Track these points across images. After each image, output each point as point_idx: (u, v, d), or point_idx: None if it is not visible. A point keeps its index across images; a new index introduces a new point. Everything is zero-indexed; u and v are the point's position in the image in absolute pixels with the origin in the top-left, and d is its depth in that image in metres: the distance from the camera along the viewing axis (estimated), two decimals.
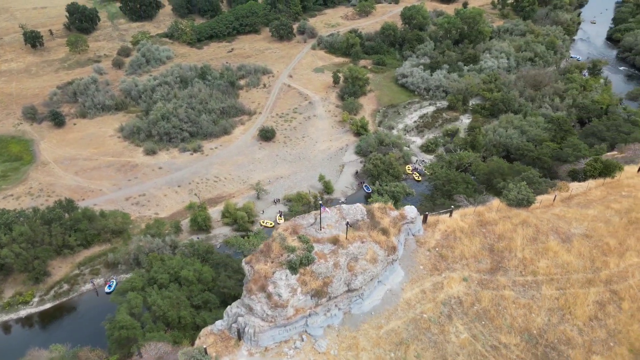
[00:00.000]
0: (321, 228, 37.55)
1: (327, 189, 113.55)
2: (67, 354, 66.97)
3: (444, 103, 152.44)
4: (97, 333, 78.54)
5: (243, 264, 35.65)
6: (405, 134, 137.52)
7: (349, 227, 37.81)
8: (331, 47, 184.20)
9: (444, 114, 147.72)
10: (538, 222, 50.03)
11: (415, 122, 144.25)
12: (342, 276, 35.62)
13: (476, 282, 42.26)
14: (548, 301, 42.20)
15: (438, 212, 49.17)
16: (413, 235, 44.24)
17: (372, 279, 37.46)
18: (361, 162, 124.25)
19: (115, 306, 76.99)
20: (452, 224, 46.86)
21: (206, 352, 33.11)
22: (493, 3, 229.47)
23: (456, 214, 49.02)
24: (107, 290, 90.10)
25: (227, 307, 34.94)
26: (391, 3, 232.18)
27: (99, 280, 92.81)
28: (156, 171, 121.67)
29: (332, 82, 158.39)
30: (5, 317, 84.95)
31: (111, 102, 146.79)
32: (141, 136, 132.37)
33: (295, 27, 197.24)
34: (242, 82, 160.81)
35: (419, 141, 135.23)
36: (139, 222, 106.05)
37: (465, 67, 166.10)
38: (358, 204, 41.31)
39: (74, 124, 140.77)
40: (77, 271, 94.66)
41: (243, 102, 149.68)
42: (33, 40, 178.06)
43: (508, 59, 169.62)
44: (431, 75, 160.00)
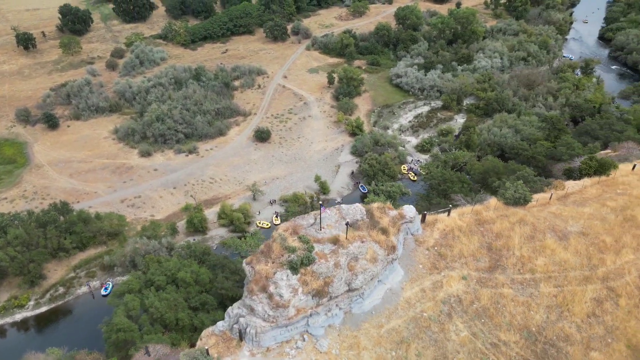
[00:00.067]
0: (321, 228, 37.66)
1: (323, 190, 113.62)
2: (64, 357, 66.65)
3: (439, 103, 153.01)
4: (94, 336, 78.15)
5: (244, 265, 35.66)
6: (400, 134, 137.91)
7: (349, 227, 37.94)
8: (325, 48, 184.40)
9: (439, 114, 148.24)
10: (535, 221, 50.42)
11: (410, 122, 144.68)
12: (343, 276, 35.75)
13: (475, 281, 42.53)
14: (546, 299, 42.55)
15: (436, 212, 49.39)
16: (412, 234, 44.45)
17: (373, 279, 37.60)
18: (357, 163, 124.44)
19: (111, 309, 76.60)
20: (451, 223, 47.14)
21: (208, 353, 33.10)
22: (486, 3, 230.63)
23: (454, 213, 49.35)
24: (104, 292, 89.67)
25: (229, 308, 34.93)
26: (385, 3, 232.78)
27: (95, 283, 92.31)
28: (151, 173, 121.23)
29: (327, 83, 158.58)
30: (0, 321, 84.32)
31: (105, 104, 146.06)
32: (136, 138, 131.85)
33: (289, 28, 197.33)
34: (237, 83, 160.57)
35: (414, 141, 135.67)
36: (135, 224, 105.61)
37: (459, 67, 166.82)
38: (357, 204, 41.45)
39: (68, 126, 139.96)
40: (73, 274, 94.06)
41: (238, 103, 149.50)
42: (25, 42, 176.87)
43: (501, 59, 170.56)
44: (425, 75, 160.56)
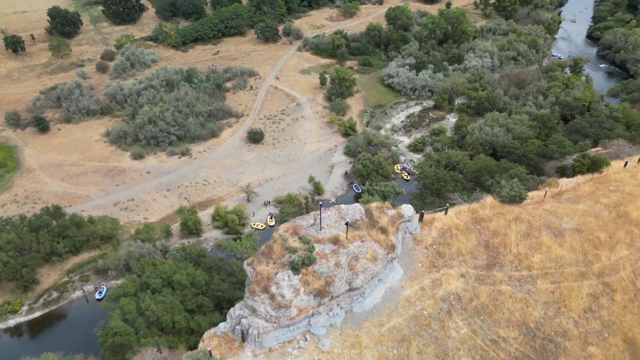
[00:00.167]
0: (321, 228, 37.81)
1: (317, 190, 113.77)
2: None
3: (430, 102, 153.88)
4: (89, 340, 77.74)
5: (245, 266, 35.72)
6: (393, 134, 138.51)
7: (349, 227, 38.13)
8: (317, 49, 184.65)
9: (431, 114, 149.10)
10: (530, 218, 51.00)
11: (402, 122, 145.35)
12: (344, 275, 35.93)
13: (473, 278, 42.93)
14: (543, 295, 43.06)
15: (434, 210, 49.77)
16: (410, 233, 44.76)
17: (373, 278, 37.83)
18: (350, 163, 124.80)
19: (106, 313, 76.15)
20: (448, 222, 47.52)
21: (211, 355, 33.10)
22: (475, 3, 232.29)
23: (451, 212, 49.74)
24: (98, 296, 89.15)
25: (230, 309, 34.97)
26: (375, 4, 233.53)
27: (89, 287, 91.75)
28: (144, 175, 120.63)
29: (319, 84, 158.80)
30: None
31: (96, 107, 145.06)
32: (128, 140, 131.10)
33: (280, 29, 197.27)
34: (229, 85, 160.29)
35: (407, 141, 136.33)
36: (129, 228, 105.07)
37: (450, 67, 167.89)
38: (356, 204, 41.67)
39: (59, 130, 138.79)
40: (67, 278, 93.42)
41: (230, 105, 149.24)
42: (14, 45, 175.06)
43: (492, 58, 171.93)
44: (417, 75, 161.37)
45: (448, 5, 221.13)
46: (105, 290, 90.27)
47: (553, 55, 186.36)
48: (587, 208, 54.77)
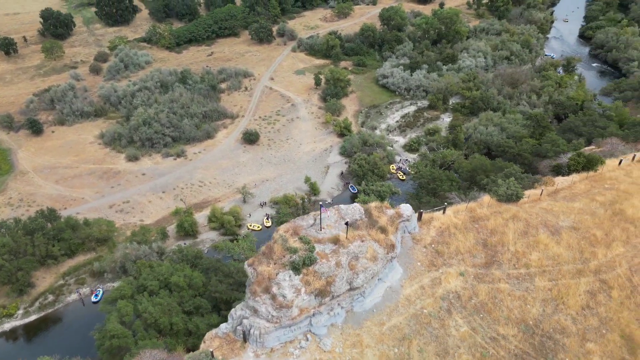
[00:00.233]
0: (321, 228, 37.92)
1: (314, 191, 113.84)
2: None
3: (425, 102, 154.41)
4: (86, 343, 77.32)
5: (246, 267, 35.75)
6: (388, 134, 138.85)
7: (349, 227, 38.26)
8: (311, 49, 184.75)
9: (425, 113, 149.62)
10: (528, 217, 51.37)
11: (397, 122, 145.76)
12: (345, 275, 36.05)
13: (472, 277, 43.19)
14: (542, 292, 43.40)
15: (432, 210, 50.00)
16: (409, 232, 44.96)
17: (373, 277, 37.99)
18: (346, 163, 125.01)
19: (103, 315, 75.90)
20: (446, 221, 47.77)
21: (212, 356, 33.10)
22: (468, 3, 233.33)
23: (449, 211, 49.98)
24: (94, 299, 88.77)
25: (232, 310, 34.98)
26: (369, 4, 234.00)
27: (85, 289, 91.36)
28: (139, 177, 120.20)
29: (314, 84, 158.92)
30: None
31: (90, 109, 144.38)
32: (122, 142, 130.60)
33: (274, 30, 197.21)
34: (224, 86, 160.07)
35: (402, 140, 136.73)
36: (124, 230, 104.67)
37: (444, 67, 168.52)
38: (356, 204, 41.82)
39: (52, 132, 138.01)
40: (62, 281, 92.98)
41: (225, 106, 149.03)
42: (6, 47, 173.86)
43: (485, 58, 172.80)
44: (411, 75, 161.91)
45: (441, 5, 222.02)
46: (101, 293, 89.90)
47: (546, 54, 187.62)
48: (583, 206, 55.24)
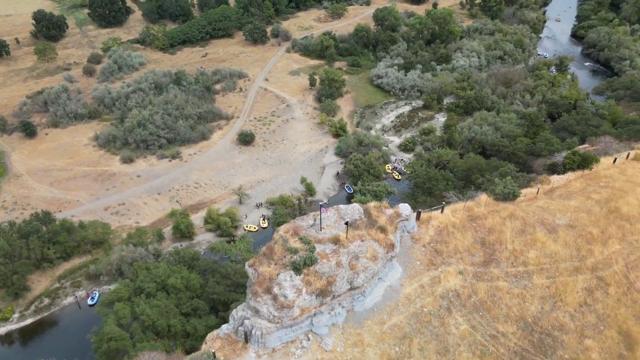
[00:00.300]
0: (321, 229, 38.02)
1: (310, 191, 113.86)
2: None
3: (419, 102, 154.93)
4: (83, 347, 77.06)
5: (246, 267, 35.78)
6: (383, 134, 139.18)
7: (349, 227, 38.38)
8: (306, 50, 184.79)
9: (420, 113, 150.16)
10: (525, 215, 51.75)
11: (392, 122, 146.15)
12: (345, 275, 36.17)
13: (471, 275, 43.46)
14: (540, 290, 43.73)
15: (430, 209, 50.24)
16: (408, 232, 45.16)
17: (374, 276, 38.13)
18: (342, 163, 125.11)
19: (99, 318, 75.52)
20: (444, 220, 48.04)
21: (214, 356, 33.10)
22: (461, 3, 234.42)
23: (447, 210, 50.26)
24: (90, 302, 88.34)
25: (233, 311, 34.98)
26: (362, 5, 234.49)
27: (81, 292, 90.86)
28: (134, 179, 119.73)
29: (309, 85, 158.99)
30: None
31: (84, 111, 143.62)
32: (117, 144, 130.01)
33: (268, 31, 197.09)
34: (218, 87, 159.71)
35: (397, 140, 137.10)
36: (120, 232, 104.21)
37: (438, 67, 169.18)
38: (355, 204, 41.96)
39: (46, 134, 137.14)
40: (58, 284, 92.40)
41: (220, 107, 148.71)
42: None
43: (479, 58, 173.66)
44: (405, 75, 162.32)
45: (435, 5, 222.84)
46: (97, 295, 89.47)
47: (539, 54, 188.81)
48: (579, 204, 55.71)
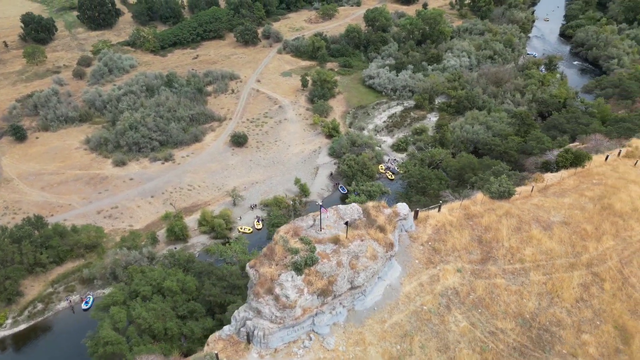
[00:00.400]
0: (321, 229, 38.19)
1: (304, 192, 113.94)
2: None
3: (411, 102, 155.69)
4: (78, 351, 76.48)
5: (247, 268, 35.85)
6: (375, 134, 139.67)
7: (348, 227, 38.59)
8: (297, 51, 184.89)
9: (412, 113, 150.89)
10: (520, 213, 52.33)
11: (384, 122, 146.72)
12: (346, 274, 36.39)
13: (469, 273, 43.88)
14: (537, 286, 44.27)
15: (427, 208, 50.63)
16: (406, 231, 45.48)
17: (374, 276, 38.38)
18: (335, 164, 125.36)
19: (94, 323, 75.18)
20: (442, 219, 48.43)
21: (217, 358, 33.12)
22: (451, 4, 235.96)
23: (444, 209, 50.70)
24: (84, 306, 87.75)
25: (235, 312, 35.04)
26: (353, 6, 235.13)
27: (75, 297, 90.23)
28: (127, 182, 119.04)
29: (301, 86, 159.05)
30: None
31: (75, 114, 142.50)
32: (109, 147, 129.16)
33: (259, 32, 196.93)
34: (210, 89, 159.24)
35: (390, 140, 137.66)
36: (113, 235, 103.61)
37: (429, 67, 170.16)
38: (354, 204, 42.19)
39: (37, 138, 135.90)
40: (51, 289, 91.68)
41: (212, 109, 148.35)
42: None
43: (469, 58, 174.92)
44: (397, 75, 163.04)
45: (425, 6, 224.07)
46: (91, 299, 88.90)
47: (528, 53, 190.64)
48: (573, 201, 56.41)
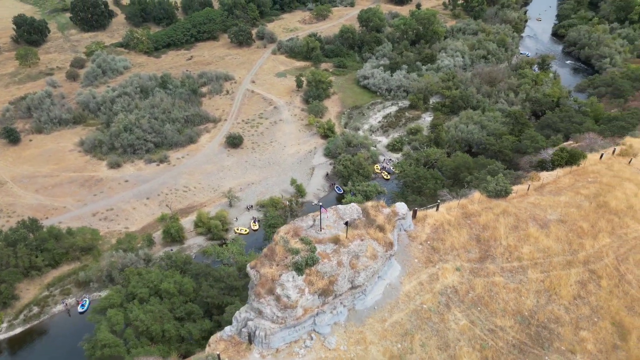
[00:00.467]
0: (321, 229, 38.31)
1: (300, 192, 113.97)
2: None
3: (406, 102, 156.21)
4: (74, 355, 76.23)
5: (248, 269, 35.91)
6: (371, 134, 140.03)
7: (348, 226, 38.73)
8: (291, 52, 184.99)
9: (407, 113, 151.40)
10: (517, 211, 52.66)
11: (379, 122, 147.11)
12: (346, 274, 36.52)
13: (468, 271, 44.14)
14: (535, 284, 44.58)
15: (426, 207, 50.88)
16: (405, 230, 45.68)
17: (374, 275, 38.55)
18: (331, 164, 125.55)
19: (90, 326, 74.80)
20: (440, 218, 48.67)
21: (219, 359, 33.15)
22: (444, 4, 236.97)
23: (442, 208, 50.94)
24: (80, 309, 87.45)
25: (236, 312, 35.08)
26: (347, 6, 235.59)
27: (71, 300, 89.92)
28: (122, 184, 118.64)
29: (296, 86, 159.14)
30: None
31: (68, 116, 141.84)
32: (103, 149, 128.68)
33: (254, 33, 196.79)
34: (205, 90, 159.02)
35: (385, 140, 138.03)
36: (109, 238, 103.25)
37: (423, 67, 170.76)
38: (353, 204, 42.34)
39: (30, 140, 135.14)
40: (47, 292, 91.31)
41: (207, 110, 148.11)
42: None
43: (463, 58, 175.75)
44: (391, 75, 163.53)
45: (418, 6, 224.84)
46: (87, 302, 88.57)
47: (521, 53, 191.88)
48: (569, 199, 56.82)
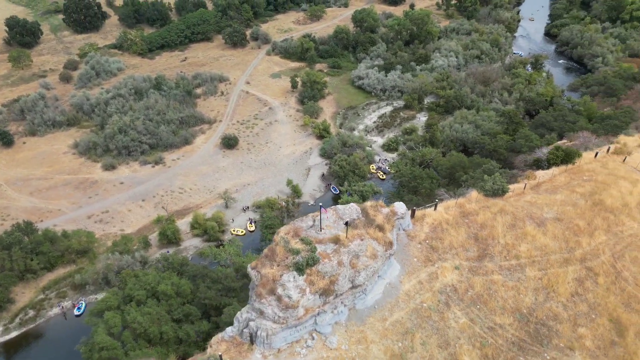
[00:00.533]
0: (321, 229, 38.42)
1: (296, 193, 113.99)
2: None
3: (401, 102, 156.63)
4: (70, 358, 75.82)
5: (249, 270, 35.96)
6: (366, 135, 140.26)
7: (348, 226, 38.87)
8: (286, 52, 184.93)
9: (402, 113, 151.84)
10: (514, 210, 53.10)
11: (374, 123, 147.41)
12: (347, 273, 36.66)
13: (467, 270, 44.45)
14: (533, 282, 44.99)
15: (424, 207, 51.15)
16: (403, 230, 45.91)
17: (374, 274, 38.71)
18: (327, 165, 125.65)
19: (87, 328, 74.48)
20: (438, 217, 49.00)
21: (221, 359, 33.17)
22: (438, 4, 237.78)
23: (440, 207, 51.25)
24: (77, 312, 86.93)
25: (237, 313, 35.12)
26: (341, 7, 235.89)
27: (67, 303, 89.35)
28: (117, 186, 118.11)
29: (291, 87, 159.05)
30: None
31: (62, 118, 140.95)
32: (98, 151, 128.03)
33: (248, 34, 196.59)
34: (199, 91, 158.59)
35: (380, 141, 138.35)
36: (105, 240, 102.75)
37: (417, 67, 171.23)
38: (352, 204, 42.50)
39: (24, 143, 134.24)
40: (43, 296, 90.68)
41: (202, 111, 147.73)
42: None
43: (457, 57, 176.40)
44: (386, 76, 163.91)
45: (412, 6, 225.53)
46: (84, 305, 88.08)
47: (514, 52, 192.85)
48: (565, 198, 57.38)
